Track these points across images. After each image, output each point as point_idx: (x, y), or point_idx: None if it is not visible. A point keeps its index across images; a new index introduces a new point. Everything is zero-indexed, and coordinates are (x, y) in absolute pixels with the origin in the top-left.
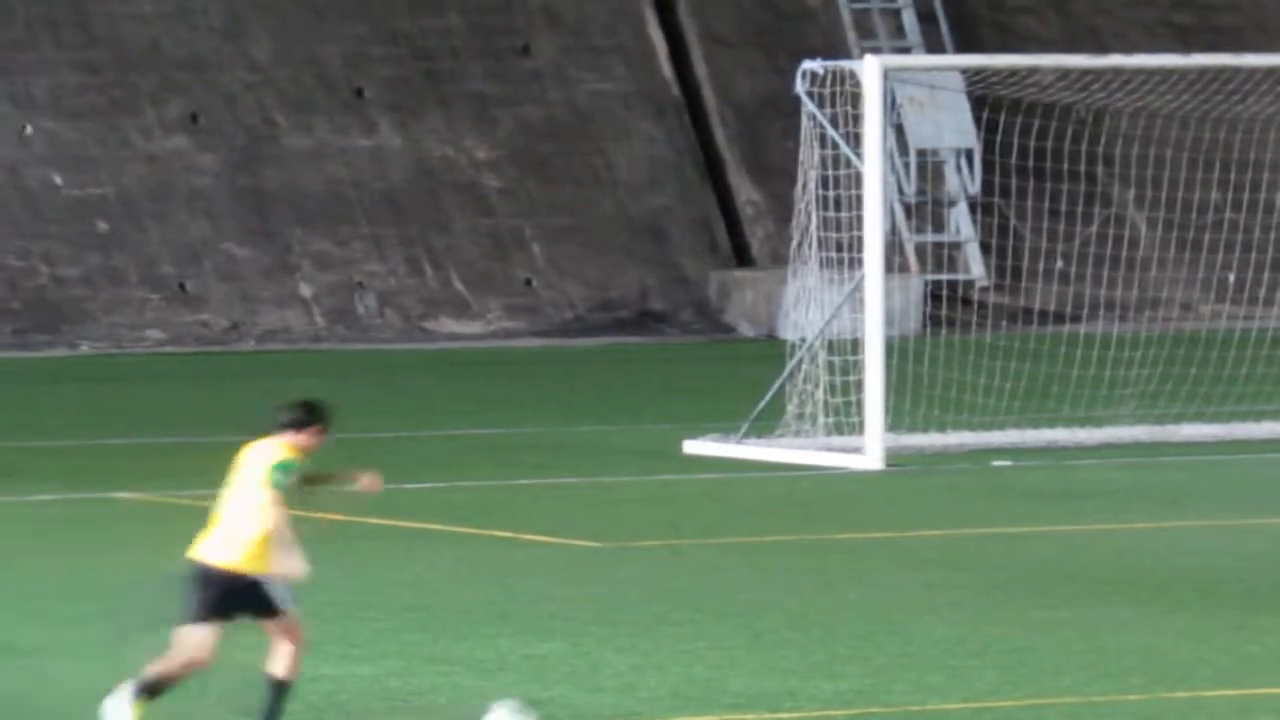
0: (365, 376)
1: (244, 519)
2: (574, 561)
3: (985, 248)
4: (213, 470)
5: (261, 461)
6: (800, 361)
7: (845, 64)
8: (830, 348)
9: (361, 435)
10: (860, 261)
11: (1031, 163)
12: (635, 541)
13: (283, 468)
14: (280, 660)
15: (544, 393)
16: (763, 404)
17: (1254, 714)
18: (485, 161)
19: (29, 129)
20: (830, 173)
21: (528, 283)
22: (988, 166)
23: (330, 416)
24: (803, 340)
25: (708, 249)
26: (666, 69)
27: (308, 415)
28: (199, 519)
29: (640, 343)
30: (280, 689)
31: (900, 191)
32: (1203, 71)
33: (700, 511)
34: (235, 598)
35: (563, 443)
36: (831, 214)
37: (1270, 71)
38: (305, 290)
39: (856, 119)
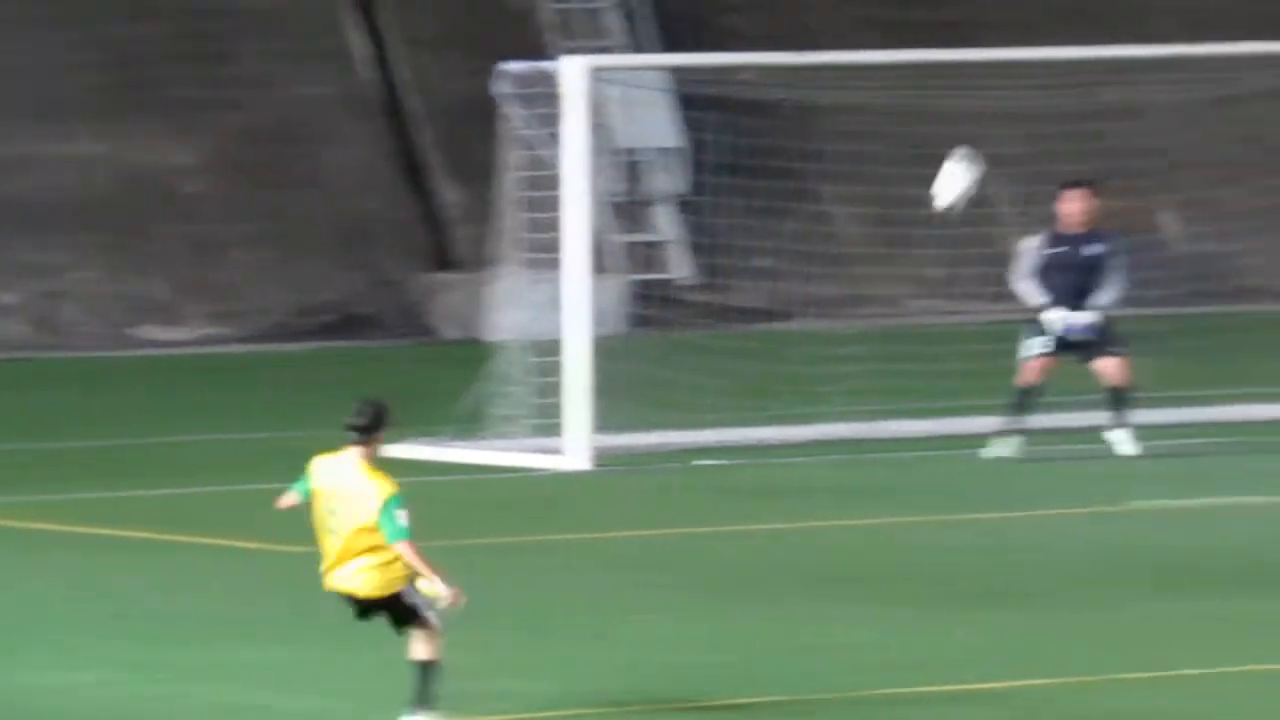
0: (69, 385)
1: (374, 558)
2: (286, 568)
3: (691, 246)
4: None
5: (368, 501)
6: (505, 363)
7: (547, 64)
8: (535, 349)
9: (67, 444)
10: (564, 261)
11: (738, 161)
12: None
13: (400, 511)
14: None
15: (250, 399)
16: (467, 406)
17: (963, 705)
18: (189, 167)
19: None
20: (534, 174)
21: (231, 289)
22: (693, 165)
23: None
24: (507, 342)
25: (412, 252)
26: (370, 72)
27: (381, 420)
28: None
29: (345, 347)
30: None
31: (605, 191)
32: (911, 66)
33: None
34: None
35: (269, 448)
36: (536, 215)
37: (981, 65)
38: (7, 299)
39: (560, 119)
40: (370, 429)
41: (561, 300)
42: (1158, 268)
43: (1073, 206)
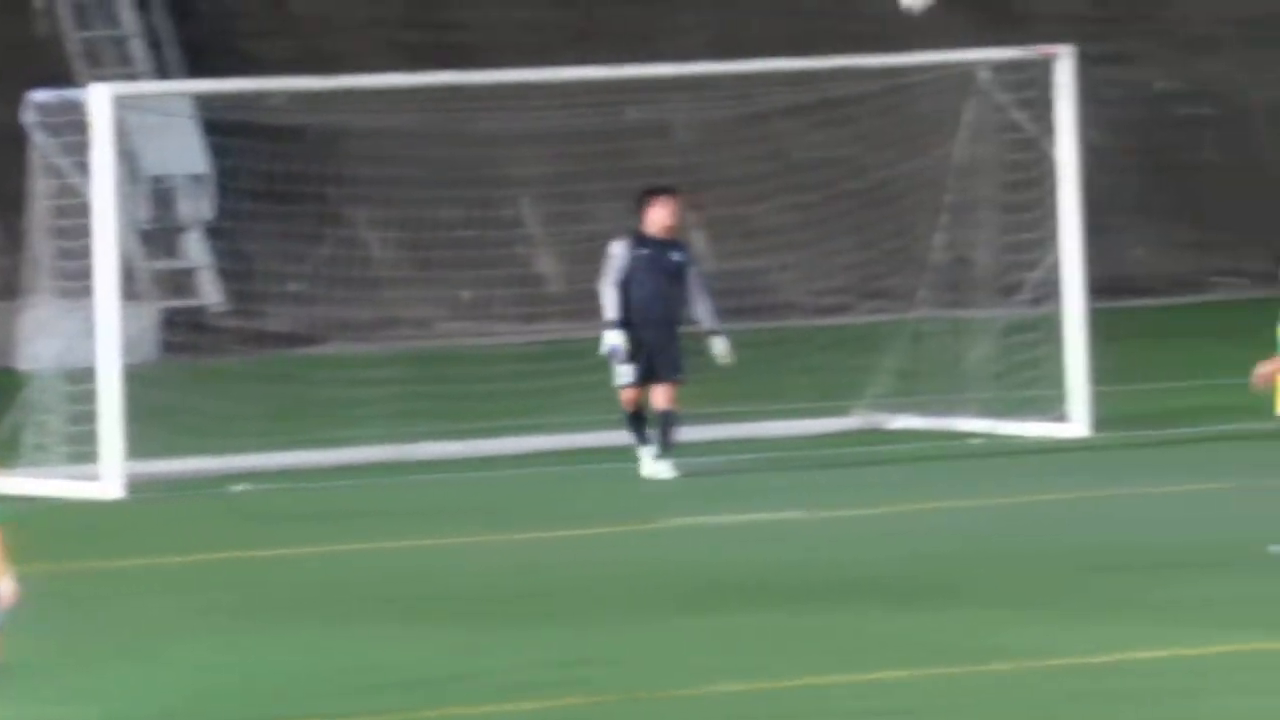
0: None
1: None
2: None
3: (221, 273)
4: None
5: None
6: (38, 392)
7: (74, 93)
8: (68, 377)
9: None
10: (95, 290)
11: (267, 186)
12: None
13: None
14: None
15: None
16: (1, 435)
17: None
18: None
19: None
20: (64, 202)
21: None
22: (222, 191)
23: None
24: (40, 371)
25: None
26: None
27: None
28: None
29: None
30: None
31: (134, 219)
32: (436, 89)
33: None
34: None
35: None
36: (66, 244)
37: (500, 88)
38: None
39: (89, 148)
40: None
41: (93, 328)
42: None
43: (661, 212)
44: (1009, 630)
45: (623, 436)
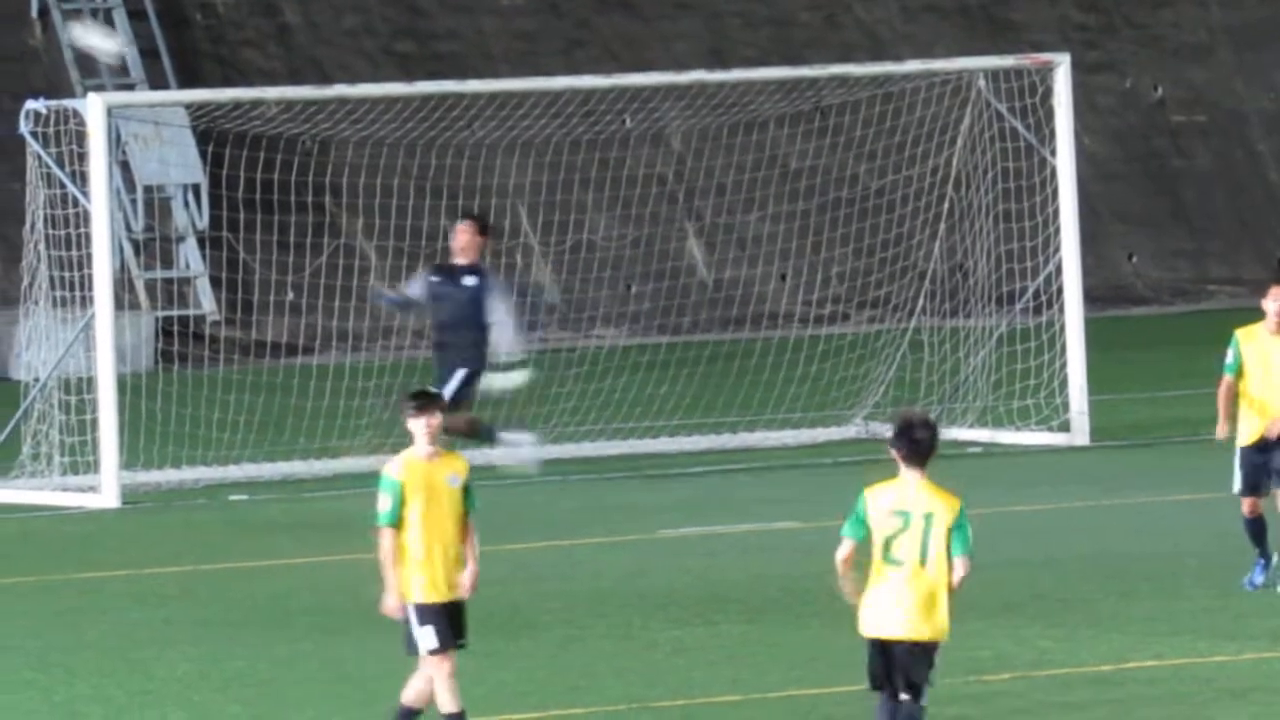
0: None
1: None
2: None
3: (215, 282)
4: None
5: None
6: (34, 402)
7: (69, 103)
8: (65, 387)
9: None
10: (91, 299)
11: (259, 196)
12: None
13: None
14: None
15: None
16: None
17: None
18: None
19: None
20: (59, 212)
21: None
22: (215, 201)
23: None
24: (36, 380)
25: None
26: None
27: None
28: None
29: None
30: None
31: (129, 229)
32: (427, 99)
33: None
34: None
35: None
36: (61, 253)
37: (492, 97)
38: None
39: (83, 157)
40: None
41: (90, 338)
42: (685, 296)
43: (458, 239)
44: (1007, 639)
45: (616, 447)
